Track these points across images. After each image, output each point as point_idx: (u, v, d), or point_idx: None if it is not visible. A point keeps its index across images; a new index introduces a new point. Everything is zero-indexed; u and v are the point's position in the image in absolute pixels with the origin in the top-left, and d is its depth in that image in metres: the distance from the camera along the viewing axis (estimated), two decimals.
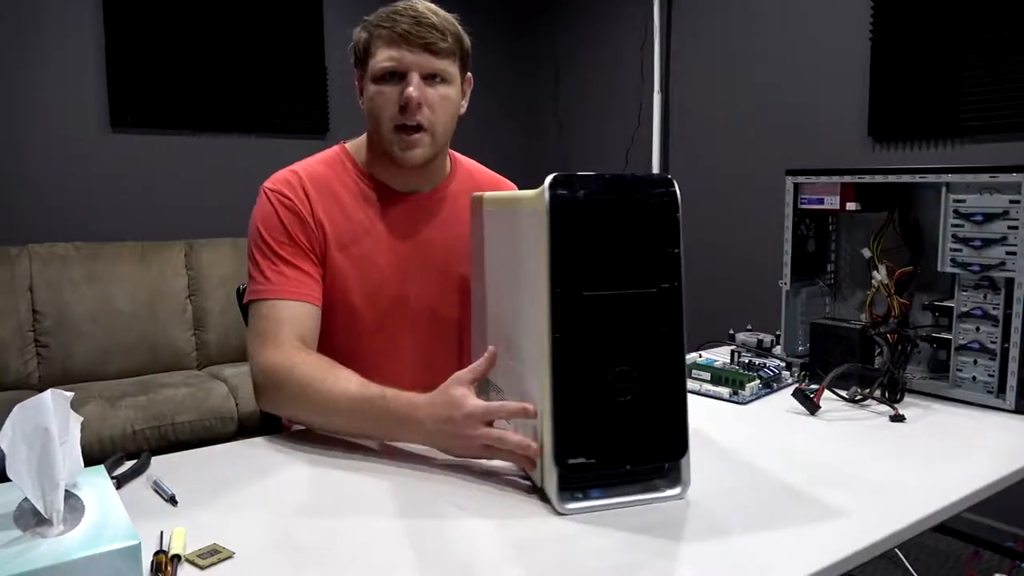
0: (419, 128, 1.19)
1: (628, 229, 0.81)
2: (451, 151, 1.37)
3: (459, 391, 0.95)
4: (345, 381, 1.05)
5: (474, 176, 1.39)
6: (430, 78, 1.19)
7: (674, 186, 0.83)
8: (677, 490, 0.85)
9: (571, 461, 0.80)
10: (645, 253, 0.81)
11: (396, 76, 1.18)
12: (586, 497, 0.83)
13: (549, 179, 0.79)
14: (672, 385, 0.84)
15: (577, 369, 0.80)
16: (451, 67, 1.21)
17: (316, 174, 1.26)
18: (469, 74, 1.29)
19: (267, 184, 1.25)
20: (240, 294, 1.34)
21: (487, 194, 1.08)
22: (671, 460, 0.85)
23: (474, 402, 0.93)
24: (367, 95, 1.22)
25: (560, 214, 0.79)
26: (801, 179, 1.40)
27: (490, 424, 0.92)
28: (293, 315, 1.16)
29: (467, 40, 1.25)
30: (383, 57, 1.17)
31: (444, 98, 1.20)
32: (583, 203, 0.79)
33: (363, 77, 1.23)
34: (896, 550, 2.26)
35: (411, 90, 1.16)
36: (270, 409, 1.16)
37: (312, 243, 1.22)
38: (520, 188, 1.32)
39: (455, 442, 0.95)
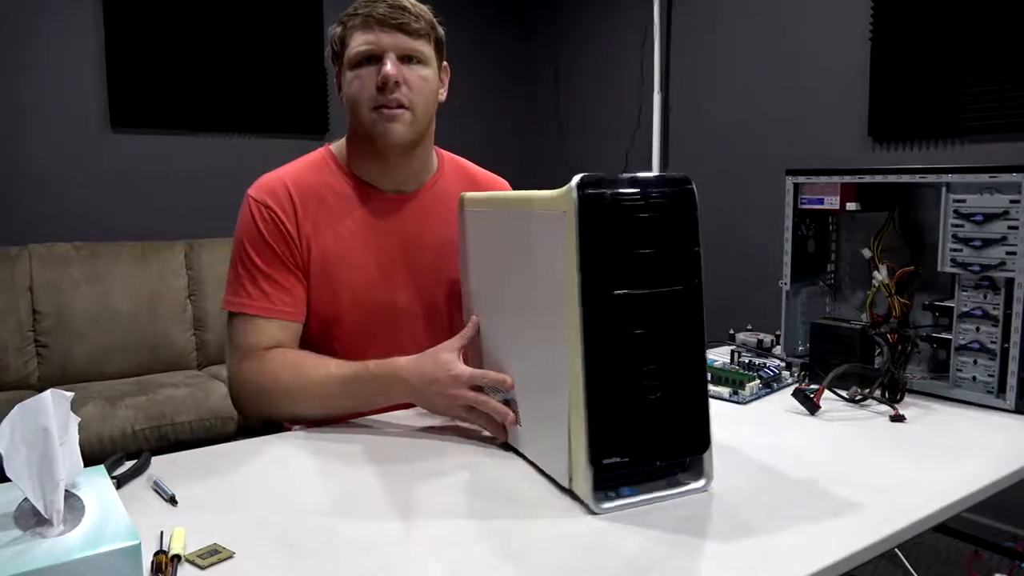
0: (400, 106, 1.20)
1: (652, 228, 0.82)
2: (437, 148, 1.37)
3: (447, 355, 1.05)
4: (325, 365, 1.12)
5: (465, 170, 1.39)
6: (407, 60, 1.20)
7: (692, 184, 0.84)
8: (701, 483, 0.87)
9: (605, 461, 0.81)
10: (668, 251, 0.82)
11: (373, 60, 1.19)
12: (618, 495, 0.84)
13: (576, 179, 0.80)
14: (695, 380, 0.85)
15: (609, 370, 0.81)
16: (426, 48, 1.22)
17: (302, 180, 1.25)
18: (446, 63, 1.30)
19: (252, 192, 1.25)
20: None
21: (482, 194, 1.08)
22: (697, 454, 0.87)
23: (461, 367, 1.03)
24: (345, 83, 1.23)
25: (589, 214, 0.79)
26: (801, 179, 1.40)
27: (473, 389, 1.02)
28: (273, 333, 1.19)
29: (440, 29, 1.27)
30: (359, 42, 1.19)
31: (422, 78, 1.21)
32: (610, 203, 0.80)
33: (341, 70, 1.24)
34: (896, 550, 2.26)
35: (389, 67, 1.17)
36: (256, 414, 1.19)
37: (294, 256, 1.22)
38: (516, 187, 1.32)
39: (438, 400, 1.05)
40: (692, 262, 0.84)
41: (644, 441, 0.83)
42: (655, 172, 1.03)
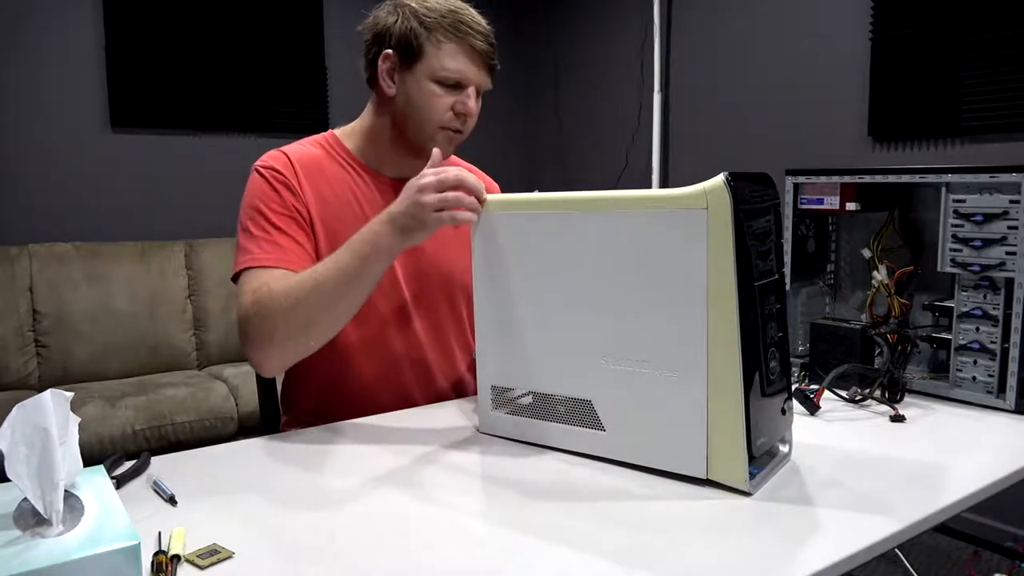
0: (458, 131, 1.25)
1: (762, 224, 0.89)
2: None
3: (412, 181, 1.04)
4: (314, 270, 1.10)
5: (453, 163, 1.40)
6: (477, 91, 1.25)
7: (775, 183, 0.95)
8: (787, 448, 0.97)
9: (759, 442, 0.87)
10: (769, 245, 0.91)
11: (457, 84, 1.21)
12: (753, 476, 0.87)
13: (725, 178, 0.84)
14: (785, 357, 0.94)
15: (754, 357, 0.86)
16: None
17: (306, 155, 1.28)
18: None
19: (258, 163, 1.27)
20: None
21: (536, 197, 1.01)
22: (790, 424, 0.97)
23: (425, 175, 1.03)
24: (412, 88, 1.22)
25: (740, 210, 0.84)
26: (801, 179, 1.40)
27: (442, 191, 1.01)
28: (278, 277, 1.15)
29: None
30: (454, 66, 1.20)
31: (478, 108, 1.26)
32: (750, 199, 0.87)
33: (405, 66, 1.21)
34: (896, 550, 2.26)
35: (472, 104, 1.22)
36: (265, 339, 1.11)
37: (302, 214, 1.23)
38: (516, 187, 1.32)
39: (420, 213, 1.03)
40: (780, 253, 0.94)
41: (773, 422, 0.91)
42: (655, 171, 1.03)
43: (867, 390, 1.22)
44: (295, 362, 1.16)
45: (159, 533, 0.75)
